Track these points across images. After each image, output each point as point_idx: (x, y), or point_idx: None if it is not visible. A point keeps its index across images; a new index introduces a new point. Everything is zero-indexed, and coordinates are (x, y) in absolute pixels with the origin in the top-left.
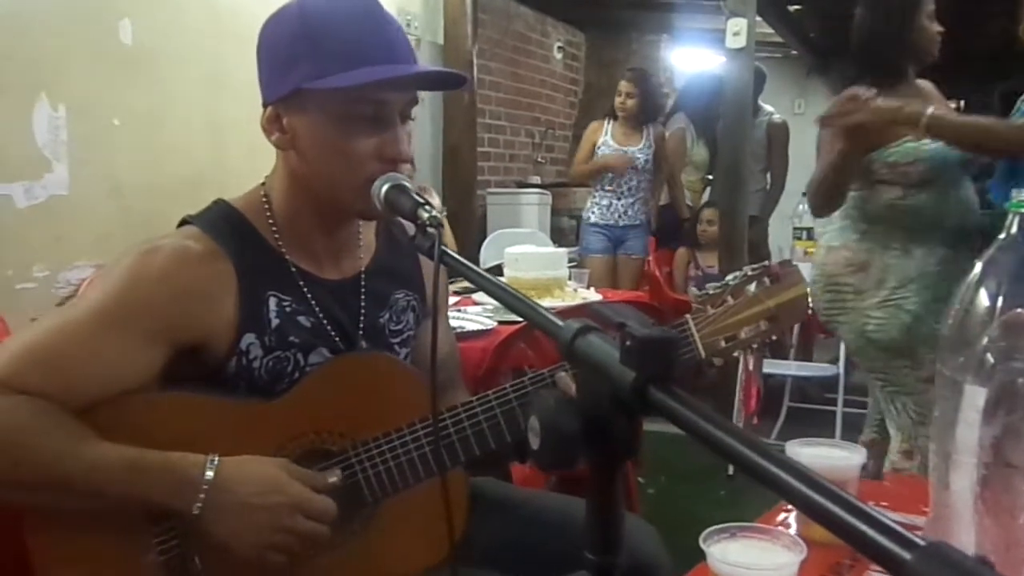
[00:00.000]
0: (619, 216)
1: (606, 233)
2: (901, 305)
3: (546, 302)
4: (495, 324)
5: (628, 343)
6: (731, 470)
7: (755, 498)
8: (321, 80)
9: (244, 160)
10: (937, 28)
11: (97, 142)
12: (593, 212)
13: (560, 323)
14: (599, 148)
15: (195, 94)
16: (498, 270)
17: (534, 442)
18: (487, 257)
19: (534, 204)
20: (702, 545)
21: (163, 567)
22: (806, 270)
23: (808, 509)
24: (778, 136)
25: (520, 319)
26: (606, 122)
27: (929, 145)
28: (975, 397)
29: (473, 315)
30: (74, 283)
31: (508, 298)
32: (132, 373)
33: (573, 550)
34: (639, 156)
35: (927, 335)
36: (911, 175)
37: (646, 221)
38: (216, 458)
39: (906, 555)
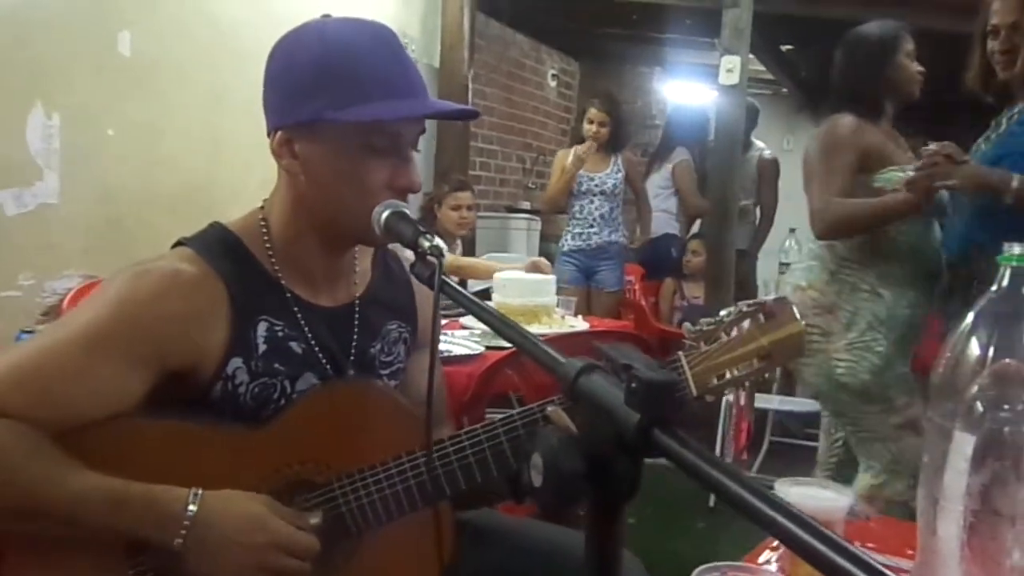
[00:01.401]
0: (589, 245)
1: (576, 263)
2: (871, 347)
3: (533, 328)
4: (483, 349)
5: (634, 385)
6: (712, 502)
7: (735, 531)
8: (343, 112)
9: (238, 175)
10: (917, 68)
11: (90, 152)
12: (566, 241)
13: (563, 360)
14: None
15: (192, 107)
16: (486, 294)
17: (536, 480)
18: (475, 282)
19: (523, 229)
20: None
21: None
22: None
23: (806, 554)
24: (768, 171)
25: (508, 345)
26: (574, 150)
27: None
28: (964, 444)
29: (460, 339)
30: (60, 292)
31: (509, 332)
32: (118, 397)
33: None
34: (608, 181)
35: (897, 378)
36: None
37: (620, 251)
38: (200, 492)
39: None
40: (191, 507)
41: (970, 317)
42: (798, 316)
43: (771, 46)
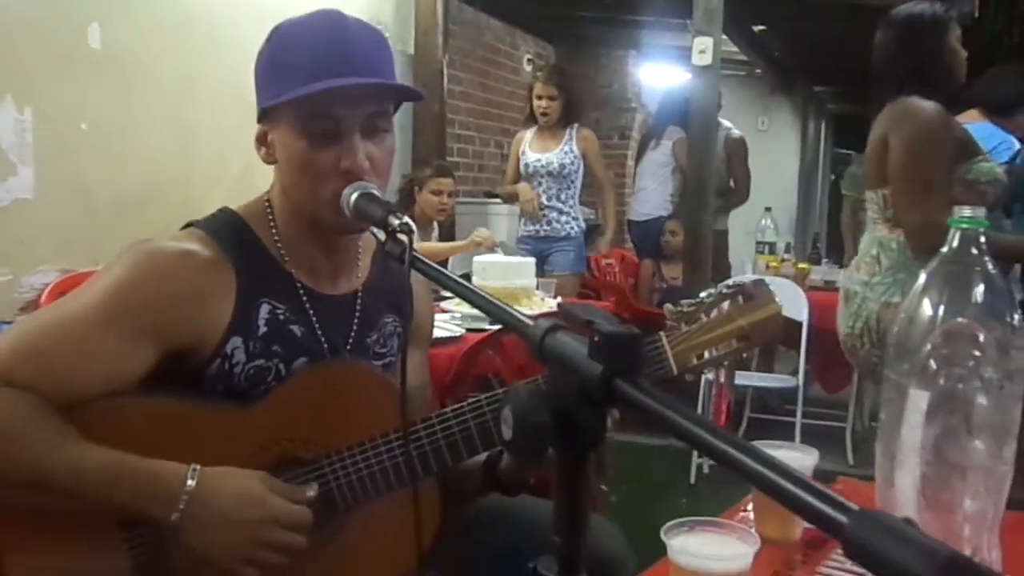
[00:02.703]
0: (538, 231)
1: (528, 248)
2: None
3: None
4: (463, 332)
5: (596, 339)
6: (692, 479)
7: (716, 506)
8: (277, 97)
9: (211, 167)
10: (963, 53)
11: (64, 146)
12: (520, 225)
13: (531, 323)
14: (522, 158)
15: (164, 100)
16: (466, 278)
17: (507, 433)
18: (455, 266)
19: (503, 214)
20: (663, 537)
21: (132, 571)
22: (775, 285)
23: (760, 483)
24: (737, 150)
25: (488, 327)
26: (527, 131)
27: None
28: (918, 400)
29: (441, 322)
30: (37, 287)
31: (479, 300)
32: (121, 372)
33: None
34: (553, 161)
35: None
36: (988, 196)
37: (579, 233)
38: (197, 468)
39: (843, 518)
40: (189, 482)
41: (922, 278)
42: (776, 298)
43: (743, 27)
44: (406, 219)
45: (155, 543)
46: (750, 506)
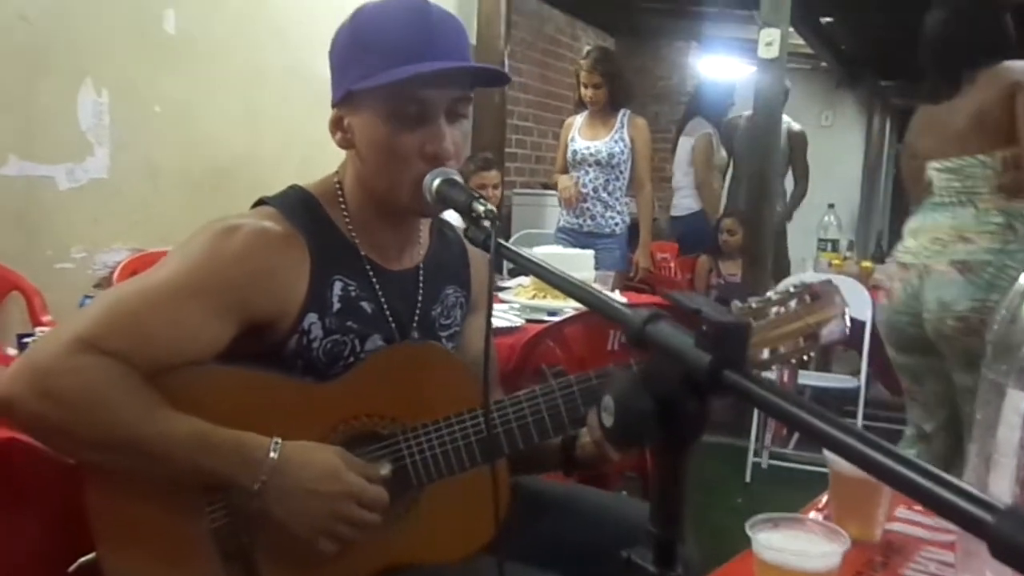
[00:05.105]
0: (580, 226)
1: (571, 240)
2: None
3: (573, 303)
4: (523, 322)
5: (704, 328)
6: (748, 477)
7: (772, 506)
8: (364, 81)
9: (278, 150)
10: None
11: (138, 128)
12: (561, 215)
13: (628, 311)
14: (570, 145)
15: (233, 84)
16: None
17: (607, 420)
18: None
19: (558, 206)
20: (748, 532)
21: (212, 536)
22: (838, 283)
23: (895, 481)
24: (799, 143)
25: (548, 318)
26: (578, 116)
27: None
28: (1018, 401)
29: (500, 312)
30: (110, 265)
31: (571, 287)
32: (202, 345)
33: (609, 545)
34: (602, 150)
35: None
36: None
37: (624, 230)
38: (279, 441)
39: (989, 517)
40: (272, 454)
41: (1022, 278)
42: (843, 298)
43: (811, 18)
44: (491, 206)
45: (234, 510)
46: (822, 503)
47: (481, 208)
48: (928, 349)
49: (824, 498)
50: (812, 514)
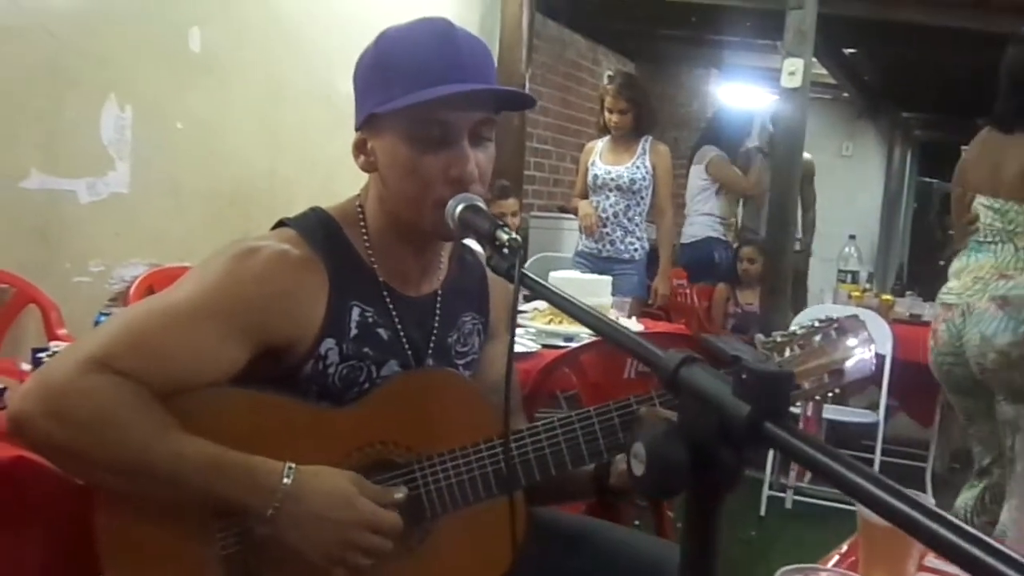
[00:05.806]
0: (599, 251)
1: (589, 265)
2: None
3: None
4: (539, 347)
5: (744, 376)
6: (763, 511)
7: (785, 542)
8: (388, 103)
9: (299, 169)
10: None
11: (160, 144)
12: (580, 240)
13: (660, 353)
14: (591, 169)
15: (256, 103)
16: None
17: (638, 469)
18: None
19: (575, 230)
20: None
21: (223, 562)
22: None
23: (933, 542)
24: (807, 171)
25: (564, 344)
26: (599, 141)
27: None
28: None
29: (516, 337)
30: (127, 280)
31: (600, 325)
32: (218, 367)
33: None
34: (624, 175)
35: None
36: None
37: (643, 256)
38: (293, 466)
39: None
40: (285, 480)
41: None
42: (870, 335)
43: (834, 49)
44: (515, 235)
45: (245, 535)
46: (844, 548)
47: (505, 237)
48: (974, 389)
49: (845, 546)
50: (835, 559)
